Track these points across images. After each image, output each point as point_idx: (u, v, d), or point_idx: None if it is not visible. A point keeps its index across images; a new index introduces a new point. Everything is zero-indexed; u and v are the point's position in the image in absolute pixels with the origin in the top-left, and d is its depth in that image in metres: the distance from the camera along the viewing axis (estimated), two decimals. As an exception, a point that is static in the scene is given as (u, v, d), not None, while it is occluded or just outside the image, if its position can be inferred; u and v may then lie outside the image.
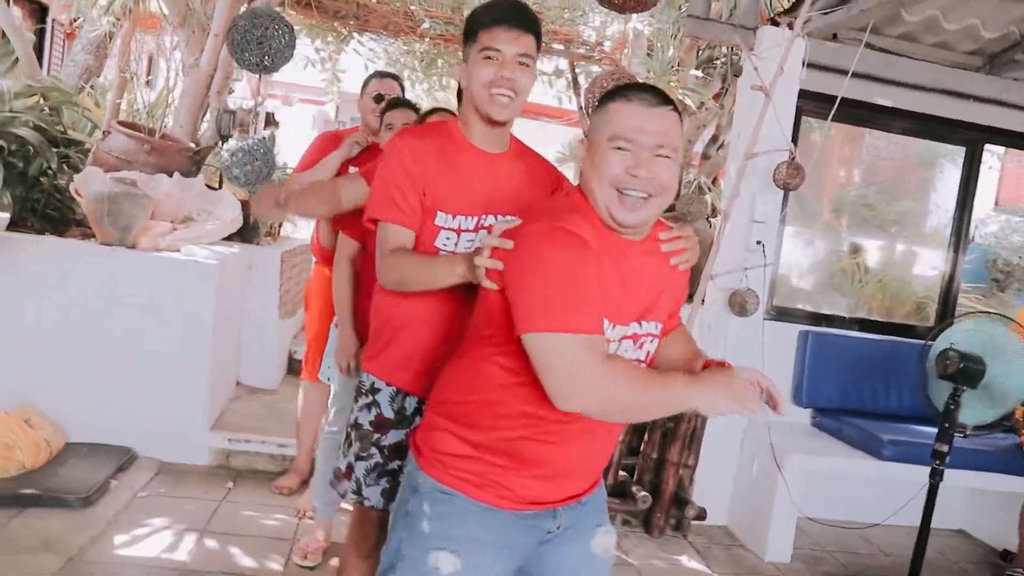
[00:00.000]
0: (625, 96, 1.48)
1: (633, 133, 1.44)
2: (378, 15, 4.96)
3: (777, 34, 3.75)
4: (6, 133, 3.91)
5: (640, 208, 1.46)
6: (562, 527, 1.60)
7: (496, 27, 1.80)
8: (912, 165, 6.01)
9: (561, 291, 1.38)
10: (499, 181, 1.87)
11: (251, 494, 3.57)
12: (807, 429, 4.11)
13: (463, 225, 1.83)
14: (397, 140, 1.89)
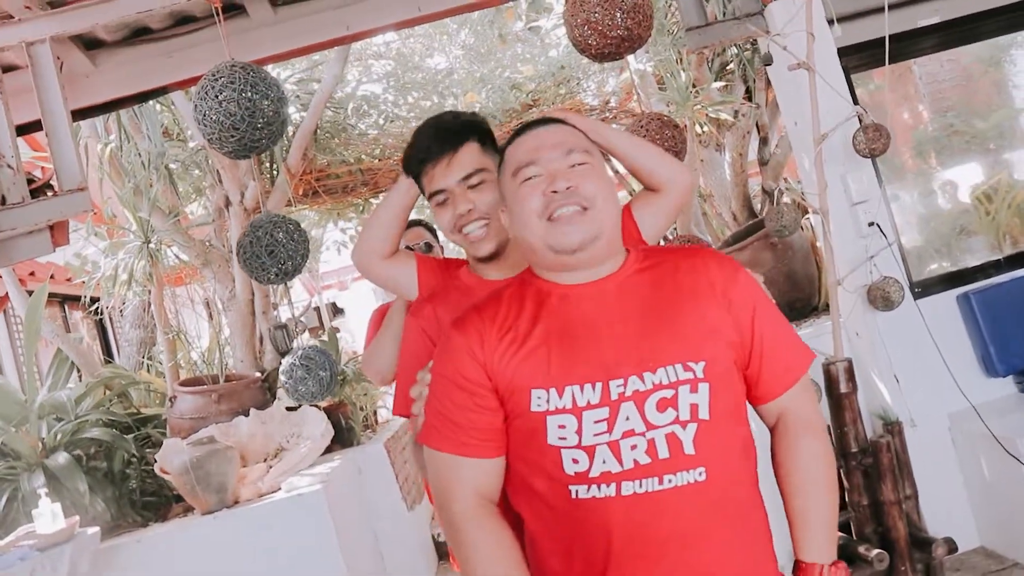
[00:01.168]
0: (513, 137, 1.40)
1: (534, 154, 1.34)
2: (385, 172, 4.80)
3: (787, 4, 3.36)
4: (79, 441, 3.79)
5: (577, 221, 1.28)
6: None
7: (426, 166, 1.60)
8: (977, 74, 5.46)
9: (433, 407, 1.34)
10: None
11: None
12: (1020, 399, 3.47)
13: None
14: None
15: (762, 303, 1.35)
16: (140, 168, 4.22)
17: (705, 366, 1.24)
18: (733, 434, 1.27)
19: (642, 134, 3.34)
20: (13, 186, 3.27)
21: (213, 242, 4.57)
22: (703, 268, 1.33)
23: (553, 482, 1.25)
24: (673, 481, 1.20)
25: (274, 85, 3.29)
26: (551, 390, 1.24)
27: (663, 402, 1.22)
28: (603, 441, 1.21)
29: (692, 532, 1.21)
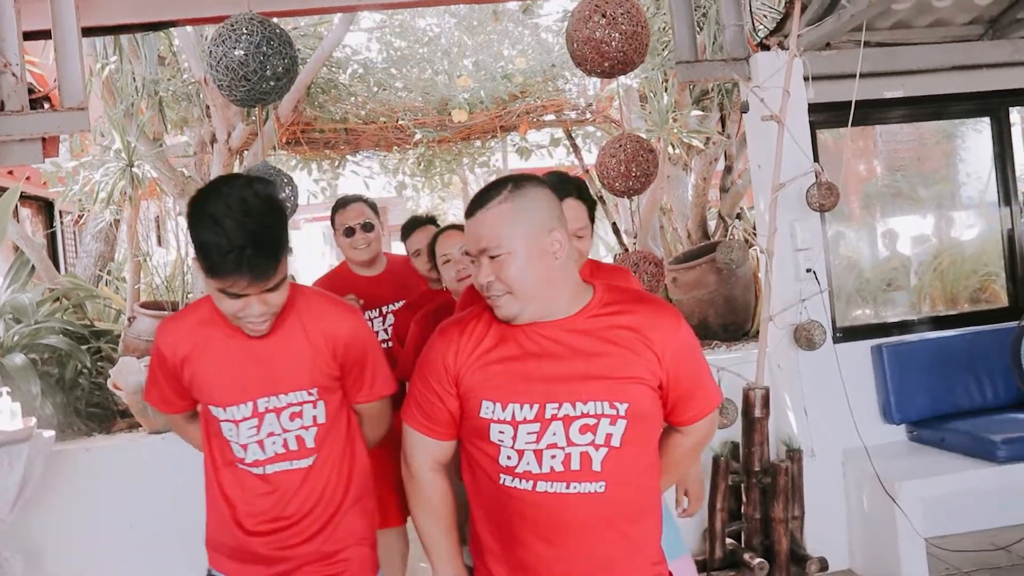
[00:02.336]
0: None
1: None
2: (368, 135, 4.96)
3: (771, 57, 3.66)
4: (36, 345, 3.91)
5: (503, 306, 1.56)
6: None
7: (220, 278, 1.69)
8: (933, 141, 5.85)
9: (413, 392, 1.69)
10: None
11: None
12: (907, 446, 3.87)
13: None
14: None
15: (689, 359, 1.62)
16: (133, 92, 4.31)
17: (627, 407, 1.54)
18: (639, 459, 1.58)
19: (620, 154, 3.61)
20: (14, 93, 3.36)
21: (192, 174, 4.68)
22: (647, 324, 1.58)
23: (490, 468, 1.58)
24: (577, 488, 1.53)
25: (288, 43, 3.44)
26: (497, 404, 1.55)
27: (585, 427, 1.53)
28: (531, 448, 1.53)
29: (588, 528, 1.54)
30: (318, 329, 1.87)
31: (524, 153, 6.18)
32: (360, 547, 1.95)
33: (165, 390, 1.96)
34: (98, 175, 4.29)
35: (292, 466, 1.87)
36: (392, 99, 5.01)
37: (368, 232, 3.22)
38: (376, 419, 2.04)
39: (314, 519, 1.90)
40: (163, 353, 1.89)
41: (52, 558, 3.34)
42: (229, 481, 1.91)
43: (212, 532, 1.97)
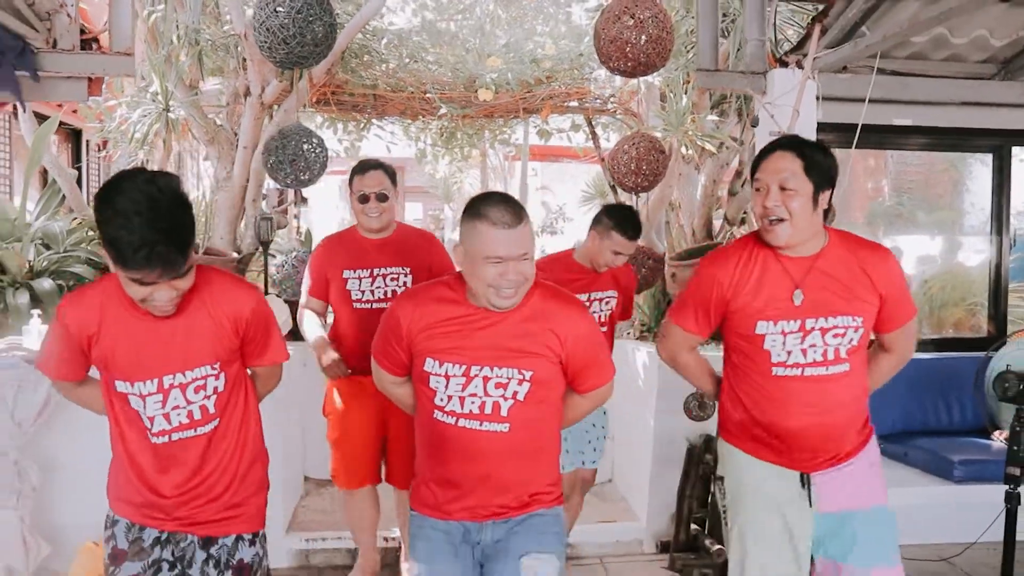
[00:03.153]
0: (490, 220, 1.94)
1: (502, 251, 1.93)
2: (395, 103, 5.12)
3: (787, 75, 3.80)
4: (63, 272, 4.12)
5: (512, 296, 1.99)
6: (490, 541, 2.10)
7: (130, 271, 1.81)
8: (941, 168, 5.99)
9: (380, 340, 2.19)
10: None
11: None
12: (874, 457, 4.08)
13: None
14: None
15: (586, 340, 2.10)
16: (174, 39, 4.48)
17: (532, 375, 2.03)
18: (539, 410, 2.07)
19: (632, 151, 3.78)
20: (67, 32, 3.53)
21: (223, 123, 4.86)
22: (555, 316, 2.07)
23: (431, 409, 2.08)
24: (487, 427, 2.04)
25: (328, 11, 3.62)
26: (436, 360, 2.05)
27: (499, 384, 2.03)
28: (457, 394, 2.04)
29: (495, 457, 2.05)
30: (221, 309, 2.03)
31: (544, 135, 6.34)
32: (257, 497, 2.21)
33: (63, 361, 2.06)
34: (135, 115, 4.48)
35: (196, 432, 2.06)
36: (422, 71, 5.17)
37: (382, 202, 3.27)
38: (268, 378, 2.32)
39: (218, 478, 2.11)
40: (69, 328, 1.99)
41: (64, 471, 3.58)
42: (137, 448, 2.06)
43: (115, 486, 2.14)
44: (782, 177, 2.15)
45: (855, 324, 2.20)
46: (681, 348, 2.46)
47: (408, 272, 3.28)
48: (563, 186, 15.38)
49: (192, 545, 2.11)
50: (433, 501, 2.12)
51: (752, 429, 2.31)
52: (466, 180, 12.86)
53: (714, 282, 2.29)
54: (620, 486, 4.85)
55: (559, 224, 12.62)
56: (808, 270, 2.21)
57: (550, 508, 2.13)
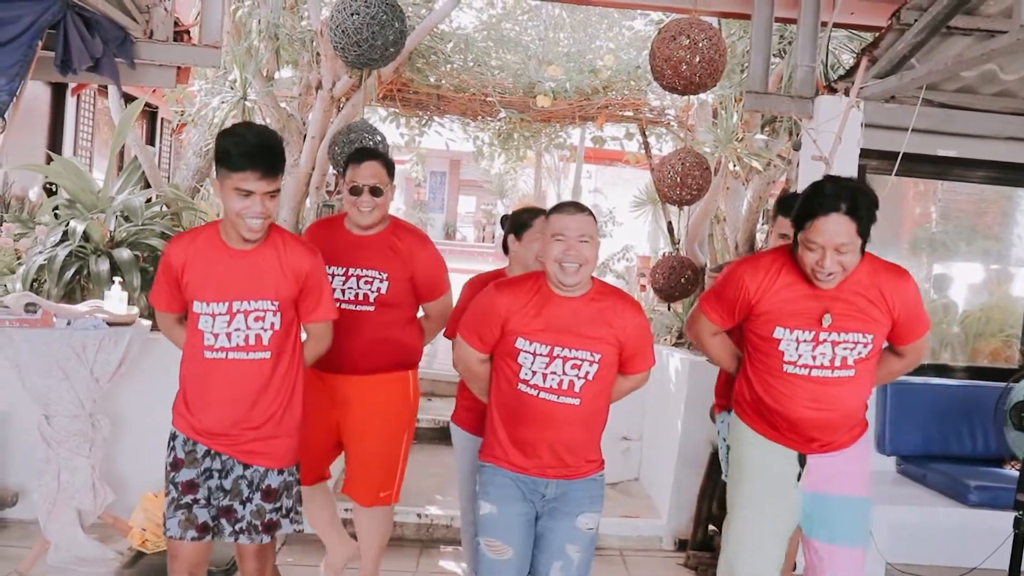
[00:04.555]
0: (559, 210, 2.45)
1: (565, 230, 2.36)
2: (457, 103, 5.37)
3: (835, 102, 3.94)
4: (140, 244, 4.45)
5: (575, 274, 2.38)
6: (552, 496, 2.48)
7: (238, 171, 2.32)
8: (992, 199, 6.00)
9: (471, 317, 2.57)
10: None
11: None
12: (893, 476, 4.20)
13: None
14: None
15: (641, 331, 2.50)
16: (256, 33, 4.79)
17: (601, 357, 2.43)
18: (601, 387, 2.46)
19: (678, 166, 3.96)
20: (162, 24, 3.84)
21: (294, 113, 5.16)
22: (617, 308, 2.46)
23: (515, 382, 2.46)
24: (563, 400, 2.43)
25: (400, 18, 3.87)
26: (526, 340, 2.43)
27: (575, 365, 2.42)
28: (540, 371, 2.42)
29: (566, 425, 2.44)
30: (289, 259, 2.47)
31: (599, 141, 6.54)
32: (289, 439, 2.55)
33: (167, 291, 2.52)
34: (215, 102, 4.79)
35: (248, 356, 2.45)
36: (484, 74, 5.41)
37: (375, 197, 2.98)
38: (319, 337, 2.65)
39: (260, 409, 2.47)
40: (170, 261, 2.47)
41: (133, 425, 3.91)
42: (198, 368, 2.47)
43: (177, 406, 2.55)
44: (838, 243, 2.28)
45: (865, 340, 2.44)
46: (705, 332, 2.73)
47: (385, 278, 3.00)
48: (616, 190, 15.49)
49: (231, 460, 2.49)
50: (511, 459, 2.49)
51: (760, 410, 2.59)
52: (520, 178, 13.07)
53: (742, 286, 2.52)
54: (645, 484, 5.03)
55: (608, 228, 12.74)
56: (836, 297, 2.42)
57: (598, 473, 2.56)
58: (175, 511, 2.46)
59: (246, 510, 2.49)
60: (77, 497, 3.51)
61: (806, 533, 2.61)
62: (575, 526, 2.48)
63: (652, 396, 5.10)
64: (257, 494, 2.50)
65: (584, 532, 2.51)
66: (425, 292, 3.12)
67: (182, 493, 2.47)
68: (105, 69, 3.40)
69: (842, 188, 2.29)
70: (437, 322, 3.21)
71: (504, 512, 2.48)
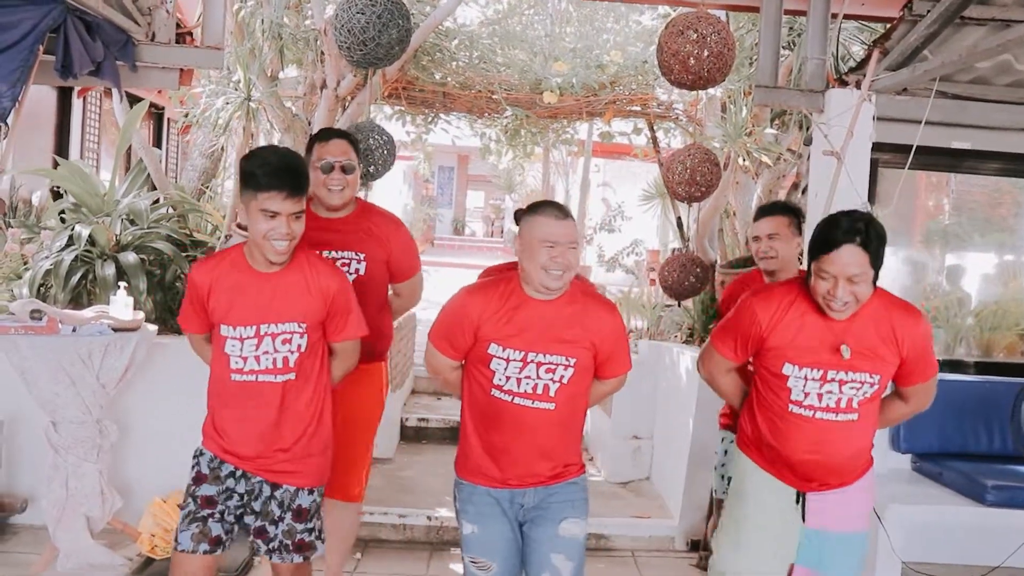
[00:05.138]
0: (545, 213, 2.34)
1: (556, 237, 2.29)
2: (463, 100, 5.33)
3: (846, 95, 3.87)
4: (145, 247, 4.43)
5: (559, 279, 2.32)
6: (531, 505, 2.43)
7: (264, 191, 2.35)
8: (1005, 189, 5.92)
9: (442, 325, 2.48)
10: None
11: (379, 564, 3.88)
12: (908, 475, 4.14)
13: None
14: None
15: (613, 338, 2.45)
16: (259, 33, 4.75)
17: (576, 361, 2.38)
18: (577, 390, 2.42)
19: (688, 162, 3.91)
20: (164, 27, 3.80)
21: (299, 113, 5.12)
22: (591, 312, 2.41)
23: (488, 388, 2.40)
24: (537, 404, 2.38)
25: (406, 16, 3.82)
26: (500, 345, 2.37)
27: (549, 369, 2.37)
28: (514, 376, 2.37)
29: (542, 429, 2.39)
30: (316, 281, 2.46)
31: (606, 137, 6.48)
32: (321, 457, 2.56)
33: (193, 315, 2.53)
34: (219, 103, 4.76)
35: (276, 380, 2.44)
36: (490, 71, 5.36)
37: (347, 174, 2.91)
38: (346, 354, 2.63)
39: (290, 429, 2.47)
40: (196, 283, 2.47)
41: (140, 430, 3.90)
42: (226, 392, 2.47)
43: (207, 428, 2.55)
44: (851, 273, 2.30)
45: (872, 380, 2.43)
46: (719, 370, 2.69)
47: (362, 259, 2.96)
48: (624, 184, 15.43)
49: (261, 483, 2.49)
50: (485, 471, 2.44)
51: (762, 447, 2.58)
52: (528, 173, 13.02)
53: (754, 320, 2.50)
54: (656, 483, 4.99)
55: (617, 222, 12.70)
56: (846, 330, 2.41)
57: (579, 477, 2.51)
58: (189, 524, 2.44)
59: (278, 530, 2.49)
60: (86, 503, 3.49)
61: (798, 560, 2.58)
62: (558, 534, 2.43)
63: (662, 394, 5.06)
64: (288, 514, 2.49)
65: (568, 540, 2.45)
66: (399, 273, 3.12)
67: (200, 507, 2.46)
68: (107, 73, 3.38)
69: (856, 220, 2.35)
70: (408, 299, 3.26)
71: (485, 531, 2.44)
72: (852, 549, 2.57)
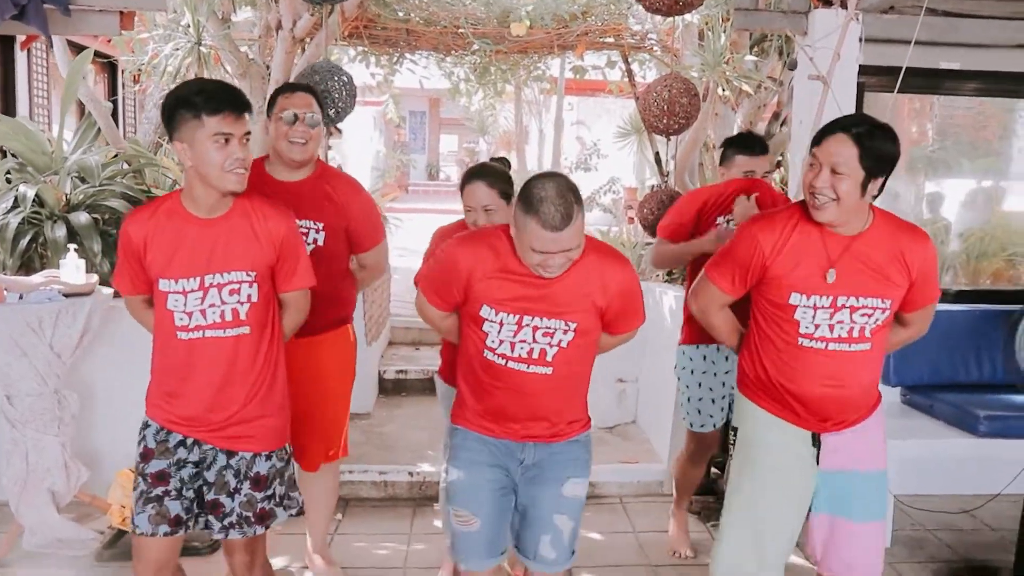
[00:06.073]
0: (540, 219, 2.02)
1: (546, 248, 2.06)
2: (428, 37, 5.05)
3: (830, 15, 3.67)
4: (99, 206, 4.19)
5: (556, 273, 2.13)
6: (531, 463, 2.29)
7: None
8: (990, 112, 5.77)
9: (432, 274, 2.35)
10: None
11: (360, 524, 3.77)
12: (899, 408, 4.06)
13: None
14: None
15: (627, 292, 2.27)
16: (206, -29, 4.44)
17: (577, 326, 2.20)
18: (578, 352, 2.24)
19: (664, 93, 3.70)
20: (99, -35, 3.51)
21: (255, 57, 4.84)
22: (604, 272, 2.22)
23: (481, 348, 2.24)
24: (534, 369, 2.22)
25: (358, -54, 3.53)
26: (493, 309, 2.19)
27: (547, 333, 2.19)
28: (508, 339, 2.20)
29: (539, 394, 2.24)
30: (263, 224, 2.27)
31: (579, 72, 6.23)
32: (275, 418, 2.36)
33: (129, 274, 2.30)
34: (167, 49, 4.47)
35: (225, 334, 2.25)
36: (455, 4, 5.08)
37: (312, 128, 2.75)
38: (298, 307, 2.44)
39: (240, 389, 2.28)
40: (130, 238, 2.24)
41: (101, 397, 3.72)
42: (172, 352, 2.27)
43: (151, 393, 2.35)
44: (835, 161, 2.17)
45: (883, 306, 2.29)
46: (713, 304, 2.50)
47: (321, 228, 2.82)
48: (599, 120, 15.15)
49: (214, 451, 2.30)
50: (481, 423, 2.30)
51: (770, 388, 2.40)
52: (501, 114, 12.70)
53: (756, 246, 2.32)
54: (643, 426, 4.91)
55: (593, 160, 12.46)
56: (845, 249, 2.26)
57: (583, 434, 2.36)
58: (145, 505, 2.26)
59: (235, 502, 2.30)
60: (48, 478, 3.34)
61: (814, 508, 2.44)
62: (562, 494, 2.30)
63: (647, 336, 4.93)
64: (246, 483, 2.31)
65: (572, 500, 2.32)
66: (360, 242, 2.94)
67: (152, 485, 2.27)
68: (31, 16, 3.11)
69: (860, 117, 2.27)
70: (373, 272, 3.09)
71: (473, 478, 2.30)
72: (872, 488, 2.43)
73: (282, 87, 2.92)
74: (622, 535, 3.73)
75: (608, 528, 3.77)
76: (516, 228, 2.11)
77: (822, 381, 2.31)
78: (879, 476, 2.45)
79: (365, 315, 4.96)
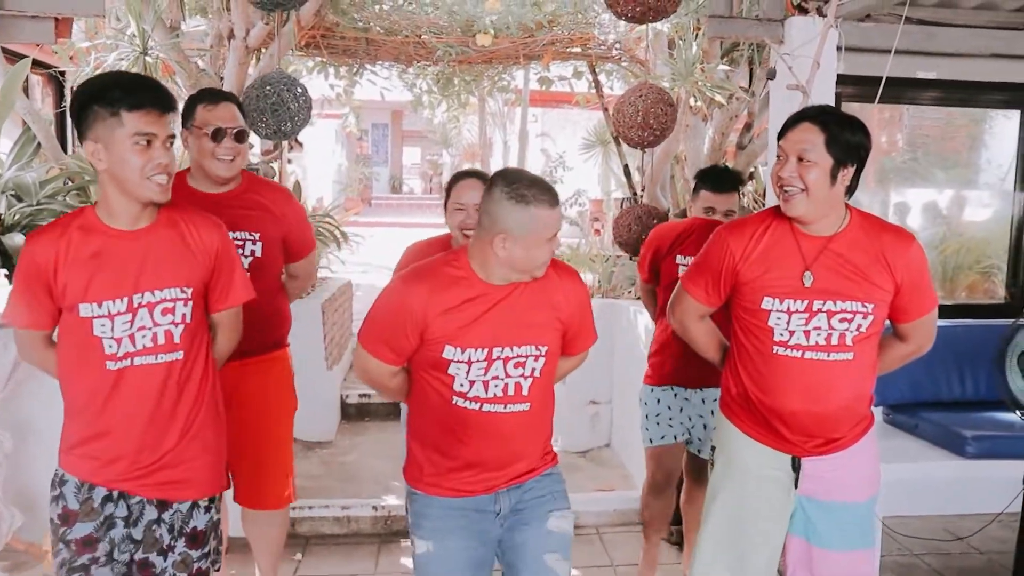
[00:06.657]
0: (543, 203, 1.92)
1: (554, 228, 1.96)
2: (389, 47, 4.86)
3: (806, 23, 3.55)
4: (37, 226, 3.90)
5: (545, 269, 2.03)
6: (507, 511, 2.09)
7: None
8: (960, 123, 5.72)
9: (375, 324, 2.07)
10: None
11: (322, 564, 3.53)
12: (881, 428, 3.90)
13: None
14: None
15: (584, 306, 2.15)
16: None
17: (547, 349, 2.04)
18: (548, 380, 2.10)
19: (639, 103, 3.55)
20: (30, -32, 3.26)
21: (206, 68, 4.60)
22: (562, 288, 2.08)
23: (448, 396, 2.02)
24: (511, 408, 2.03)
25: (311, -50, 3.33)
26: (457, 347, 1.97)
27: (518, 363, 2.01)
28: (480, 379, 1.99)
29: (518, 434, 2.06)
30: (195, 235, 2.04)
31: (545, 82, 6.08)
32: (212, 455, 2.11)
33: (33, 304, 1.98)
34: (111, 59, 4.22)
35: (157, 360, 1.98)
36: (417, 13, 4.89)
37: (239, 142, 2.60)
38: (232, 328, 2.20)
39: (172, 422, 2.01)
40: (36, 261, 1.94)
41: (41, 437, 3.43)
42: (93, 387, 1.98)
43: (66, 438, 2.07)
44: (801, 148, 2.10)
45: (864, 310, 2.15)
46: (691, 316, 2.39)
47: (258, 239, 2.65)
48: (564, 132, 15.05)
49: (142, 504, 2.02)
50: (443, 483, 2.08)
51: (749, 406, 2.28)
52: (464, 126, 12.53)
53: (726, 251, 2.23)
54: (617, 450, 4.73)
55: (559, 173, 12.34)
56: (821, 250, 2.16)
57: (554, 467, 2.21)
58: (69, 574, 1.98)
59: (167, 562, 2.05)
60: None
61: (791, 530, 2.31)
62: (548, 530, 2.13)
63: (619, 356, 4.77)
64: (181, 540, 2.06)
65: (560, 536, 2.15)
66: (297, 251, 2.79)
67: (77, 553, 1.98)
68: (-46, 23, 2.84)
69: (825, 107, 2.23)
70: (304, 282, 2.94)
71: (442, 551, 2.07)
72: (861, 519, 2.30)
73: (200, 95, 2.68)
74: (600, 569, 3.54)
75: (587, 562, 3.59)
76: (518, 232, 1.91)
77: (798, 394, 2.18)
78: (864, 507, 2.34)
79: (326, 337, 4.73)
